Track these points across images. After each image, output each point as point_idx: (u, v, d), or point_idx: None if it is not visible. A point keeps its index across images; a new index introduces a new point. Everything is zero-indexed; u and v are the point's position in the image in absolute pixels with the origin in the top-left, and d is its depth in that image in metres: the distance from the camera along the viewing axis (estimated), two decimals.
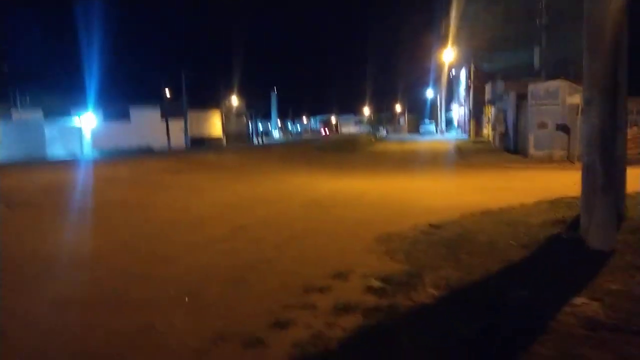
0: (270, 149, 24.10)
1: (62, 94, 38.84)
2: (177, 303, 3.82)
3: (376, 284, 3.90)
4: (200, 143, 44.39)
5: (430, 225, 6.21)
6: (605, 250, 4.63)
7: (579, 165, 15.15)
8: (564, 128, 16.89)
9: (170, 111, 46.35)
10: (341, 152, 24.42)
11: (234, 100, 56.23)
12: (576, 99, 15.86)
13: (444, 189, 10.73)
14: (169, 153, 18.38)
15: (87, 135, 37.08)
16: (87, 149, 35.39)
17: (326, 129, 62.58)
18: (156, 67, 54.14)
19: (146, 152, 25.41)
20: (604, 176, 4.62)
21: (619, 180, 5.04)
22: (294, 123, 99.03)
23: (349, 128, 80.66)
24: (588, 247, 4.78)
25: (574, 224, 5.51)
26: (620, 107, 4.77)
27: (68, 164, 15.88)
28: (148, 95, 47.61)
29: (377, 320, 3.19)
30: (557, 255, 4.71)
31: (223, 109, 53.41)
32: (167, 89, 51.40)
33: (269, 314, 3.37)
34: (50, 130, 31.03)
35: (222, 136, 50.53)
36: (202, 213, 8.02)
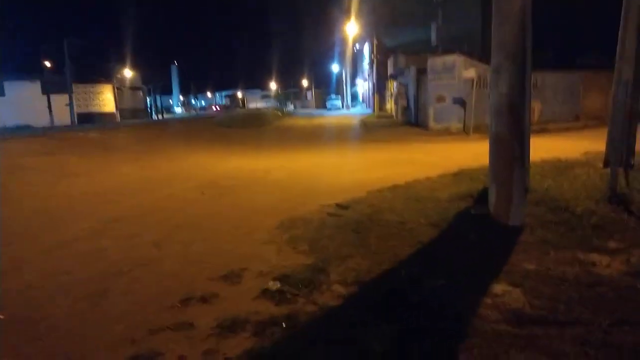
0: (168, 126, 22.15)
1: None
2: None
3: (273, 285, 3.22)
4: (89, 120, 40.41)
5: (337, 206, 5.67)
6: (516, 225, 4.42)
7: (473, 136, 15.78)
8: (460, 101, 17.53)
9: (52, 85, 41.56)
10: (246, 128, 23.28)
11: (128, 73, 51.73)
12: (471, 73, 16.45)
13: (350, 164, 10.37)
14: (45, 131, 15.87)
15: None
16: None
17: (217, 105, 58.49)
18: (35, 36, 47.60)
19: (18, 131, 22.05)
20: (515, 148, 4.36)
21: (526, 152, 4.86)
22: (197, 98, 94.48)
23: (257, 103, 78.79)
24: (498, 223, 4.55)
25: (481, 198, 5.31)
26: (528, 75, 4.52)
27: None
28: (26, 67, 42.09)
29: (272, 339, 2.51)
30: (468, 233, 4.40)
31: (115, 82, 48.94)
32: (48, 61, 45.78)
33: (128, 344, 2.54)
34: None
35: (114, 112, 46.41)
36: (68, 203, 6.67)
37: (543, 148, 9.61)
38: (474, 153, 11.31)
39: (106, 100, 46.50)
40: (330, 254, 3.89)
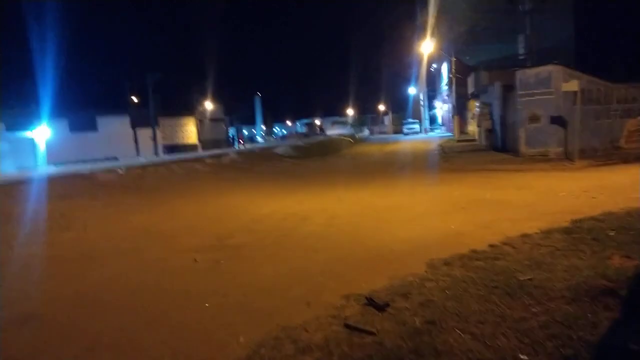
0: (230, 158, 20.95)
1: (25, 106, 36.14)
2: None
3: None
4: (174, 151, 42.19)
5: (369, 302, 3.41)
6: None
7: (579, 164, 12.42)
8: (559, 120, 14.33)
9: (139, 119, 44.10)
10: (309, 159, 21.59)
11: (209, 106, 53.67)
12: (573, 85, 13.30)
13: (416, 206, 7.98)
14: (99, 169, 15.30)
15: (42, 148, 34.33)
16: (43, 162, 32.64)
17: (240, 138, 53.85)
18: (124, 73, 51.07)
19: (95, 164, 22.43)
20: None
21: None
22: (275, 127, 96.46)
23: (334, 130, 78.31)
24: None
25: (636, 301, 2.79)
26: None
27: None
28: (116, 103, 45.24)
29: None
30: None
31: (197, 115, 50.89)
32: (134, 96, 48.83)
33: None
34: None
35: (197, 143, 48.10)
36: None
37: None
38: (585, 189, 8.38)
39: (189, 132, 48.37)
40: None
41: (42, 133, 34.11)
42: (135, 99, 48.35)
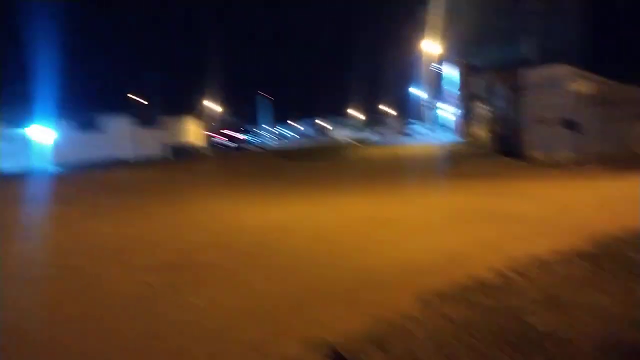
0: (227, 159, 20.35)
1: (24, 104, 35.69)
2: None
3: None
4: (181, 152, 41.73)
5: (332, 356, 2.63)
6: None
7: (593, 171, 11.58)
8: (570, 124, 13.50)
9: (144, 119, 43.80)
10: (312, 161, 20.73)
11: (214, 107, 53.49)
12: (586, 87, 12.49)
13: (416, 219, 7.15)
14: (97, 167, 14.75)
15: (47, 147, 34.02)
16: (44, 162, 32.22)
17: (223, 134, 51.11)
18: (126, 73, 50.70)
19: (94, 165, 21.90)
20: None
21: None
22: (282, 128, 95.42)
23: (340, 132, 77.55)
24: None
25: None
26: None
27: None
28: (120, 103, 44.97)
29: None
30: None
31: (203, 115, 50.75)
32: (139, 96, 48.68)
33: None
34: None
35: (203, 144, 47.83)
36: None
37: None
38: (602, 200, 7.57)
39: (195, 133, 47.99)
40: None
41: (40, 132, 33.59)
42: (139, 99, 48.12)
